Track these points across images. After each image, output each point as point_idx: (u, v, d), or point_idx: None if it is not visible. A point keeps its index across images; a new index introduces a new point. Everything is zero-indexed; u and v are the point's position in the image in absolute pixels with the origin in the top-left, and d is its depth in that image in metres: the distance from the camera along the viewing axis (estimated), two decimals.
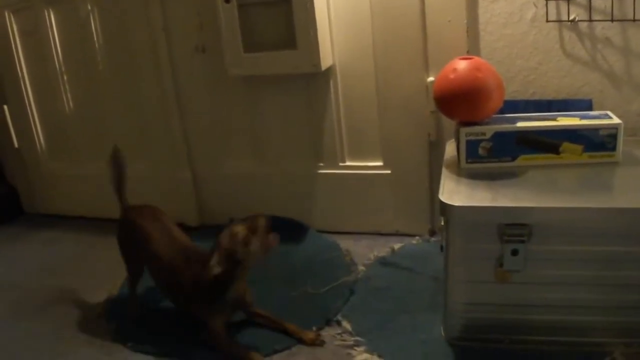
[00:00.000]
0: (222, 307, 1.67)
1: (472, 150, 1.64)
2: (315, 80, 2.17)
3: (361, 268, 2.04)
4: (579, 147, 1.62)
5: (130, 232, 1.83)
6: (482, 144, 1.63)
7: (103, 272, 2.01)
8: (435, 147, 2.08)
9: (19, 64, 2.63)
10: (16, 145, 2.78)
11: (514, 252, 1.44)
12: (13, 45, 2.61)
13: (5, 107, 2.72)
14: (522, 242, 1.43)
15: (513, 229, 1.42)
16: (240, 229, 1.56)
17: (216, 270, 1.55)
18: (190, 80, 2.35)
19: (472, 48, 1.95)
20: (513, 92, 1.94)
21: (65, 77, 2.57)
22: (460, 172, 1.63)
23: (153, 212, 1.84)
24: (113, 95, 2.51)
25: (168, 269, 1.72)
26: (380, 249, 2.15)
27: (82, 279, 2.21)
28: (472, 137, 1.62)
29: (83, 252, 2.43)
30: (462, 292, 1.55)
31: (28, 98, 2.68)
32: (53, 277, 2.27)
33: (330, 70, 2.13)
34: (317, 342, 1.69)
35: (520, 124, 1.63)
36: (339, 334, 1.72)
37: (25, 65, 2.64)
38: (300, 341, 1.70)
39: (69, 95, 2.60)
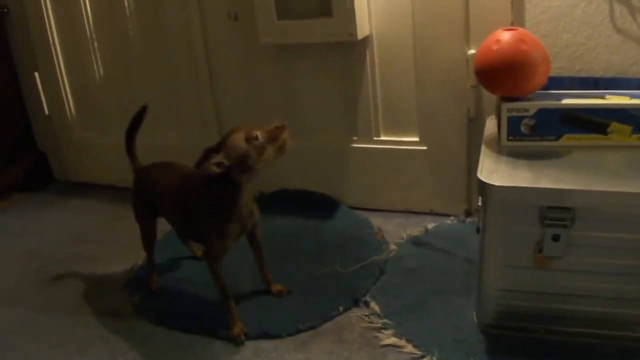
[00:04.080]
0: (231, 223, 1.55)
1: (513, 127, 1.55)
2: (351, 50, 2.10)
3: (392, 247, 1.98)
4: (628, 128, 1.51)
5: (141, 184, 1.81)
6: (525, 121, 1.54)
7: (129, 243, 2.00)
8: (474, 124, 2.01)
9: (50, 31, 2.61)
10: (47, 112, 2.77)
11: (555, 238, 1.36)
12: (44, 12, 2.59)
13: (36, 74, 2.71)
14: (565, 227, 1.34)
15: (555, 213, 1.34)
16: (259, 133, 1.44)
17: (215, 169, 1.43)
18: (221, 48, 2.31)
19: (517, 20, 1.86)
20: (558, 68, 1.85)
21: (95, 44, 2.55)
22: (500, 150, 1.55)
23: (165, 163, 1.81)
24: (143, 63, 2.49)
25: (175, 193, 1.67)
26: (413, 228, 2.08)
27: (108, 248, 2.20)
28: (514, 114, 1.53)
29: (110, 221, 2.41)
30: (498, 277, 1.48)
31: (59, 65, 2.67)
32: (79, 246, 2.26)
33: (366, 40, 2.06)
34: (284, 293, 1.76)
35: (566, 101, 1.54)
36: (366, 315, 1.67)
37: (57, 32, 2.62)
38: (270, 292, 1.77)
39: (99, 62, 2.58)
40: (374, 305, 1.69)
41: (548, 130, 1.54)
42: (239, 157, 1.44)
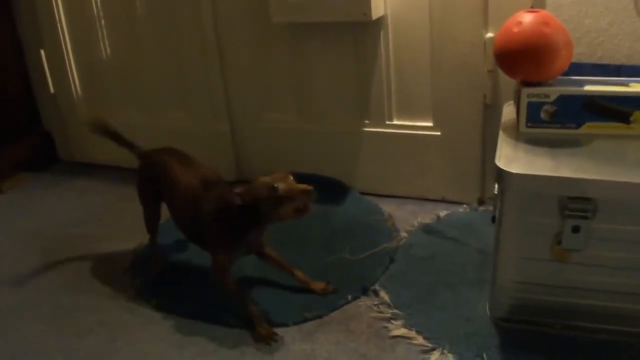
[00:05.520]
0: (237, 246, 1.56)
1: (533, 113, 1.49)
2: (365, 31, 2.04)
3: (403, 234, 1.94)
4: None
5: (149, 171, 1.77)
6: (545, 107, 1.48)
7: (133, 225, 1.96)
8: (490, 110, 1.96)
9: (56, 7, 2.55)
10: (52, 90, 2.72)
11: (576, 229, 1.30)
12: None
13: (42, 51, 2.66)
14: (586, 218, 1.29)
15: (576, 203, 1.28)
16: (282, 186, 1.41)
17: (236, 200, 1.45)
18: (232, 26, 2.25)
19: (537, 3, 1.80)
20: (579, 54, 1.79)
21: (102, 22, 2.50)
22: (518, 136, 1.49)
23: (172, 150, 1.78)
24: (151, 41, 2.43)
25: (187, 195, 1.63)
26: (425, 215, 2.04)
27: (111, 230, 2.17)
28: (534, 99, 1.47)
29: (115, 203, 2.38)
30: (513, 269, 1.43)
31: (65, 43, 2.61)
32: (82, 228, 2.22)
33: (381, 20, 2.00)
34: (329, 291, 1.67)
35: (588, 88, 1.48)
36: (375, 305, 1.63)
37: (63, 9, 2.56)
38: (309, 290, 1.67)
39: (106, 41, 2.53)
40: (383, 295, 1.65)
41: (569, 117, 1.48)
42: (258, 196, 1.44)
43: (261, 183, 1.43)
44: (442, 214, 2.03)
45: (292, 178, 1.43)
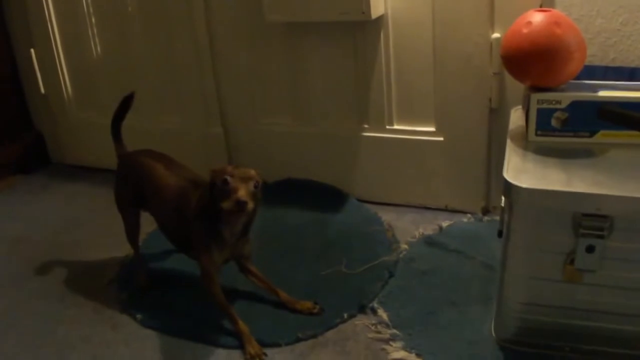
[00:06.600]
0: (217, 245, 1.49)
1: (543, 120, 1.40)
2: (364, 31, 1.97)
3: (404, 246, 1.85)
4: None
5: (130, 173, 1.71)
6: (556, 114, 1.39)
7: (122, 232, 1.87)
8: (495, 115, 1.90)
9: (46, 5, 2.49)
10: (43, 91, 2.66)
11: (590, 249, 1.21)
12: None
13: (32, 50, 2.60)
14: (601, 237, 1.19)
15: (591, 221, 1.19)
16: (229, 176, 1.38)
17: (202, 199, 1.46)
18: (225, 26, 2.19)
19: (546, 2, 1.73)
20: (590, 56, 1.71)
21: (93, 20, 2.43)
22: (527, 145, 1.40)
23: (152, 151, 1.73)
24: (142, 40, 2.36)
25: (172, 198, 1.58)
26: (427, 225, 1.96)
27: (100, 237, 2.10)
28: (544, 105, 1.38)
29: (105, 208, 2.29)
30: (521, 289, 1.34)
31: (55, 42, 2.55)
32: (70, 234, 2.16)
33: (381, 19, 1.93)
34: (315, 312, 1.58)
35: (602, 93, 1.38)
36: (373, 324, 1.54)
37: (53, 6, 2.50)
38: (295, 311, 1.59)
39: (97, 40, 2.46)
40: (381, 313, 1.57)
41: (582, 125, 1.39)
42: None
43: (220, 169, 1.41)
44: (445, 224, 1.95)
45: (254, 180, 1.40)
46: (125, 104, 1.76)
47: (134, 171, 1.68)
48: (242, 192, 1.34)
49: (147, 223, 1.78)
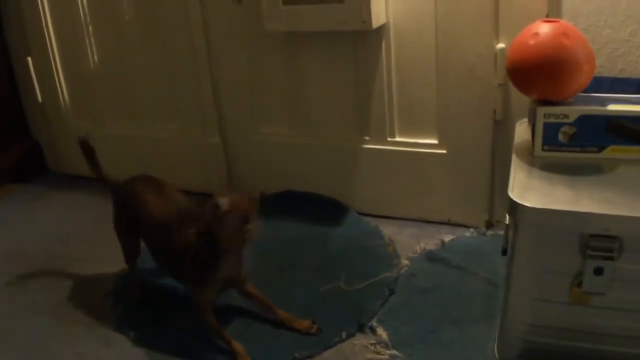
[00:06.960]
0: (211, 282, 1.49)
1: (550, 135, 1.36)
2: (365, 40, 1.94)
3: (404, 262, 1.82)
4: None
5: (125, 203, 1.70)
6: (564, 129, 1.35)
7: (118, 245, 1.85)
8: (500, 127, 1.86)
9: (43, 14, 2.47)
10: (40, 99, 2.64)
11: (598, 271, 1.16)
12: None
13: (29, 58, 2.58)
14: (610, 259, 1.15)
15: (600, 242, 1.14)
16: (224, 203, 1.36)
17: (191, 237, 1.44)
18: (223, 35, 2.16)
19: (553, 11, 1.69)
20: (598, 67, 1.65)
21: (90, 29, 2.40)
22: (533, 161, 1.36)
23: (146, 178, 1.71)
24: (140, 49, 2.34)
25: (162, 231, 1.56)
26: (428, 240, 1.92)
27: (96, 249, 2.06)
28: (551, 120, 1.35)
29: (103, 218, 2.22)
30: (526, 310, 1.29)
31: (52, 50, 2.53)
32: (66, 245, 2.13)
33: (382, 29, 1.90)
34: (312, 332, 1.55)
35: (612, 107, 1.34)
36: (372, 344, 1.51)
37: (50, 15, 2.48)
38: (293, 330, 1.56)
39: (94, 48, 2.44)
40: (381, 332, 1.53)
41: (590, 140, 1.36)
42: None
43: (207, 205, 1.39)
44: (447, 238, 1.91)
45: (251, 198, 1.40)
46: (86, 149, 1.77)
47: (128, 201, 1.68)
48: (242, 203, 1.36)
49: None
